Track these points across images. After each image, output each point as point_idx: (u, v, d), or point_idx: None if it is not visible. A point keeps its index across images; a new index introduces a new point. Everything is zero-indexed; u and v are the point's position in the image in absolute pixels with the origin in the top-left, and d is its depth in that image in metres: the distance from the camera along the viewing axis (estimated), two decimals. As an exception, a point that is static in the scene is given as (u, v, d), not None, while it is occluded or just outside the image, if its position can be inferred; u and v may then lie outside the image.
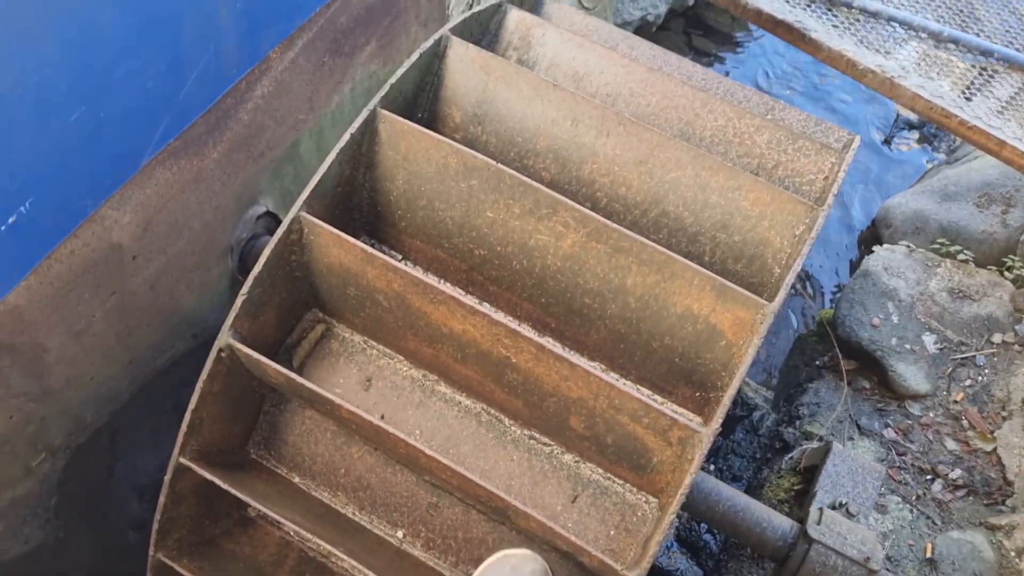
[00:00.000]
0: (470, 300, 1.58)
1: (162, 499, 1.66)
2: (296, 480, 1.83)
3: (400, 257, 1.86)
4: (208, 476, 1.61)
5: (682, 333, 1.62)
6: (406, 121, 1.68)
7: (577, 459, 1.72)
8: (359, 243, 1.59)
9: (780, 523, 1.81)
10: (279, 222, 2.29)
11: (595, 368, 1.71)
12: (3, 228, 1.49)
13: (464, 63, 1.80)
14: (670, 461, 1.55)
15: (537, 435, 1.74)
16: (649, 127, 1.72)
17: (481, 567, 1.54)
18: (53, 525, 1.87)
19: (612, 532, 1.67)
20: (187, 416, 1.60)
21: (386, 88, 1.71)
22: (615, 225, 1.59)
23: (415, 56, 1.73)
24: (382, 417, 1.77)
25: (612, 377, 1.71)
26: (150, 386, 2.05)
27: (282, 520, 1.60)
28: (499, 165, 1.63)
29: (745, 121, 1.82)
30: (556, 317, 1.75)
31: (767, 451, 2.55)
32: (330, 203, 1.70)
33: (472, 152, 1.65)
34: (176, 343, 2.08)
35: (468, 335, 1.59)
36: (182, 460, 1.63)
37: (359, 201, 1.80)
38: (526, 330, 1.77)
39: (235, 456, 1.82)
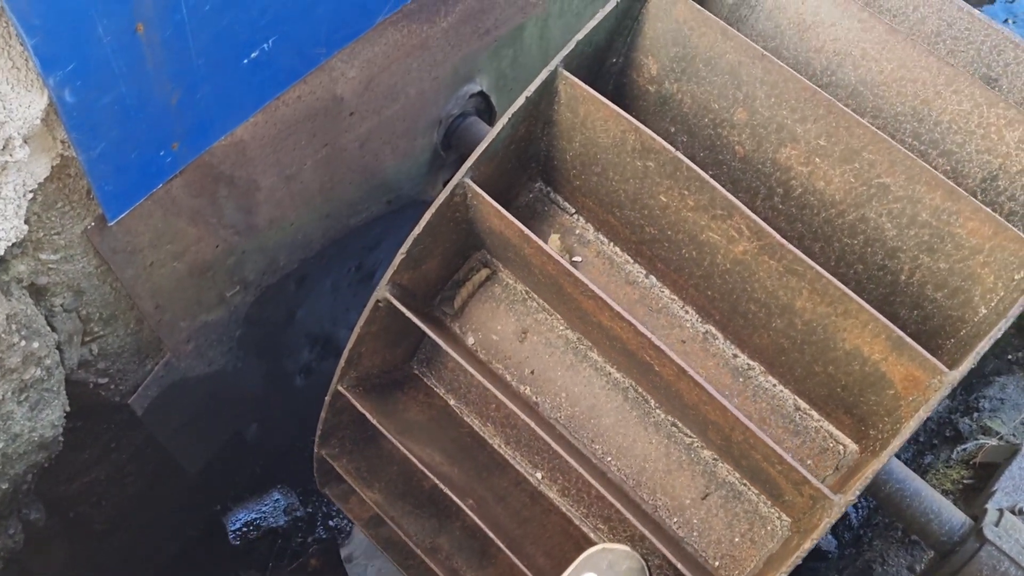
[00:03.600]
0: (618, 303, 1.60)
1: (323, 414, 1.89)
2: (451, 403, 2.02)
3: (573, 211, 1.90)
4: (360, 408, 1.80)
5: (847, 368, 1.60)
6: (586, 88, 1.67)
7: (716, 457, 1.77)
8: (517, 222, 1.66)
9: (952, 516, 1.80)
10: (490, 104, 2.36)
11: (741, 389, 1.72)
12: (245, 61, 1.66)
13: (667, 12, 1.71)
14: (800, 507, 1.58)
15: (680, 425, 1.79)
16: (862, 122, 1.57)
17: (580, 557, 1.66)
18: (234, 354, 2.20)
19: (737, 539, 1.75)
20: (345, 352, 1.79)
21: (570, 46, 1.69)
22: (791, 247, 1.54)
23: (607, 9, 1.65)
24: (532, 372, 1.87)
25: (762, 402, 1.71)
26: (340, 242, 2.30)
27: (417, 463, 1.78)
28: (677, 154, 1.60)
29: (996, 110, 1.62)
30: (720, 311, 1.76)
31: (935, 436, 2.46)
32: (501, 160, 1.75)
33: (652, 134, 1.62)
34: (371, 205, 2.30)
35: (615, 332, 1.65)
36: (340, 388, 1.85)
37: (536, 152, 1.84)
38: (691, 315, 1.81)
39: (397, 372, 2.01)
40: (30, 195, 1.39)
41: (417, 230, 1.71)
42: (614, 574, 1.60)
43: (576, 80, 1.66)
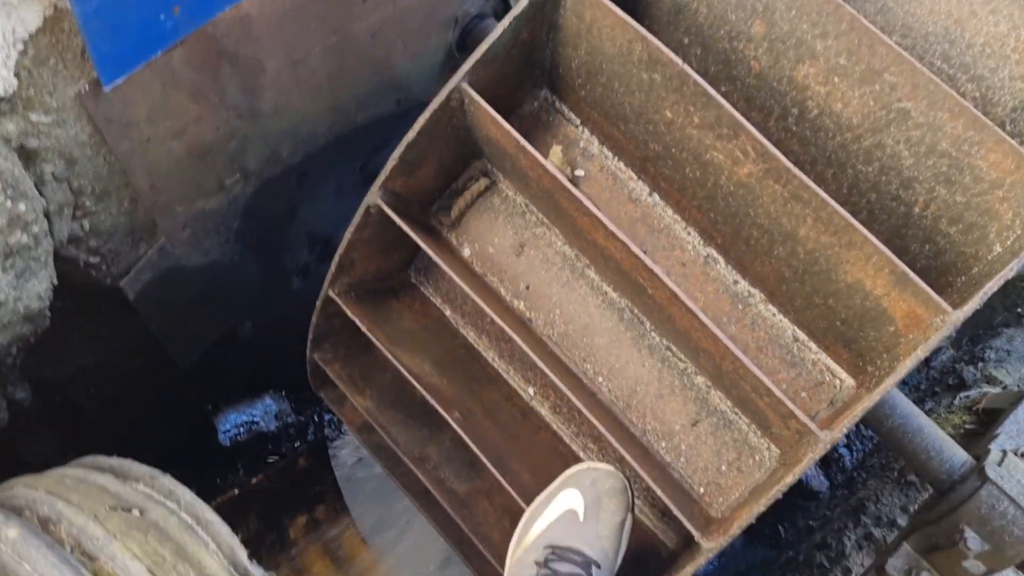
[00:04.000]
0: (612, 224, 1.55)
1: (314, 319, 1.88)
2: (447, 313, 2.00)
3: (579, 122, 1.84)
4: (350, 315, 1.78)
5: (848, 302, 1.55)
6: (593, -10, 1.57)
7: (709, 384, 1.75)
8: (514, 131, 1.61)
9: (954, 454, 1.78)
10: (508, 7, 2.28)
11: (740, 316, 1.69)
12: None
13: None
14: (788, 440, 1.56)
15: (674, 349, 1.77)
16: (886, 40, 1.50)
17: (563, 475, 1.66)
18: (231, 247, 2.17)
19: (724, 467, 1.74)
20: (336, 257, 1.76)
21: (580, -55, 1.59)
22: (797, 172, 1.48)
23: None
24: (527, 287, 1.85)
25: (760, 331, 1.69)
26: (345, 139, 2.26)
27: (405, 372, 1.78)
28: (685, 67, 1.53)
29: None
30: (723, 235, 1.71)
31: (936, 384, 2.43)
32: (502, 64, 1.69)
33: (659, 45, 1.55)
34: (379, 103, 2.26)
35: (609, 252, 1.61)
36: (330, 294, 1.81)
37: (541, 58, 1.77)
38: (693, 237, 1.77)
39: (393, 280, 1.99)
40: (20, 46, 1.35)
41: (410, 135, 1.66)
42: (596, 492, 1.59)
43: (583, -17, 1.59)
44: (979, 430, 2.06)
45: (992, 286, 1.40)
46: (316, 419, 2.87)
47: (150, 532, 1.18)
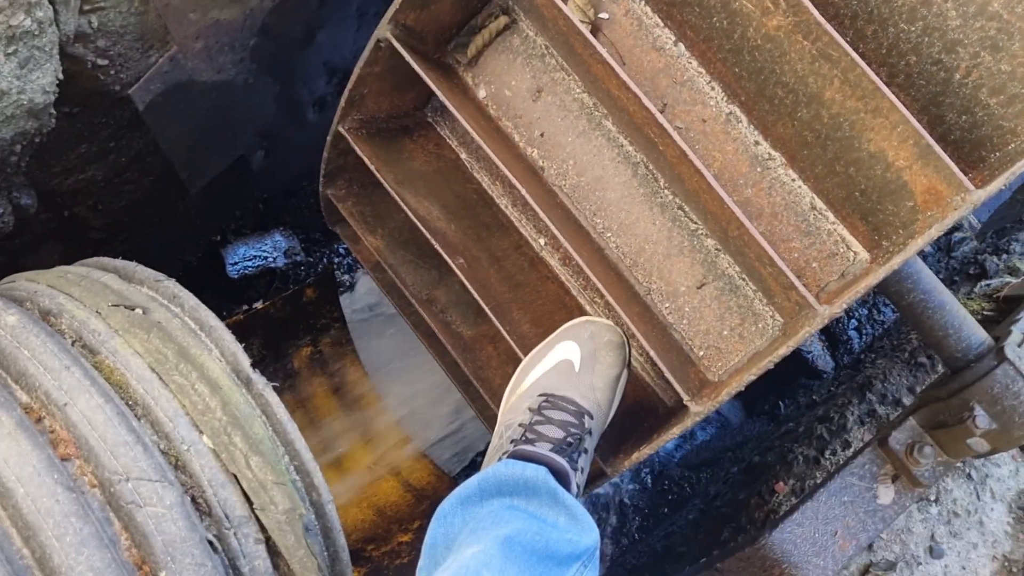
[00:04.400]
0: (625, 72, 1.50)
1: (325, 153, 1.86)
2: (462, 156, 1.97)
3: None
4: (359, 153, 1.76)
5: (868, 172, 1.52)
6: None
7: (718, 248, 1.74)
8: None
9: (973, 333, 1.78)
10: None
11: (758, 179, 1.66)
12: None
13: None
14: (789, 311, 1.56)
15: (686, 209, 1.75)
16: None
17: (562, 327, 1.68)
18: (246, 66, 2.14)
19: (726, 332, 1.74)
20: (346, 92, 1.72)
21: None
22: (829, 28, 1.42)
23: None
24: (542, 135, 1.82)
25: (777, 196, 1.66)
26: None
27: (411, 214, 1.77)
28: None
29: None
30: (747, 92, 1.67)
31: (956, 274, 2.41)
32: None
33: None
34: None
35: (622, 103, 1.58)
36: (340, 129, 1.79)
37: None
38: (716, 92, 1.73)
39: (408, 119, 1.96)
40: None
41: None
42: (593, 345, 1.62)
43: None
44: (998, 317, 2.05)
45: (1021, 166, 1.36)
46: (325, 261, 2.88)
47: (153, 331, 1.19)
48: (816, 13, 1.41)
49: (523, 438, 1.48)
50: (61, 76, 1.53)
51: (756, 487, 2.27)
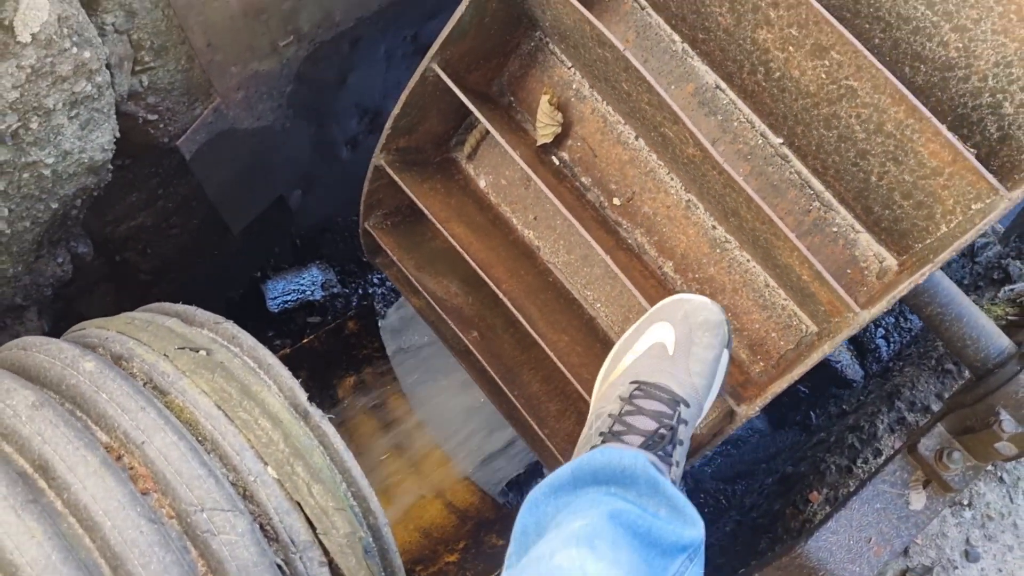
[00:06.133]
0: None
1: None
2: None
3: (570, 64, 1.88)
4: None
5: (786, 279, 1.68)
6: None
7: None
8: (475, 110, 1.68)
9: (994, 340, 1.83)
10: None
11: (718, 259, 1.81)
12: None
13: None
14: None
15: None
16: (830, 19, 1.48)
17: (652, 308, 1.60)
18: (283, 112, 2.26)
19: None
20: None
21: None
22: (726, 167, 1.52)
23: None
24: (535, 218, 1.92)
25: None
26: (397, 6, 2.32)
27: (431, 299, 1.96)
28: (627, 54, 1.56)
29: None
30: (694, 190, 1.79)
31: (980, 279, 2.46)
32: (475, 36, 1.73)
33: (602, 29, 1.56)
34: None
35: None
36: (366, 226, 2.01)
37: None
38: (675, 182, 1.84)
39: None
40: None
41: (396, 109, 1.75)
42: (688, 326, 1.51)
43: None
44: (1021, 321, 2.09)
45: (942, 259, 1.45)
46: (361, 291, 2.98)
47: (217, 371, 1.28)
48: (715, 153, 1.52)
49: (611, 431, 1.39)
50: (118, 134, 1.64)
51: (791, 497, 2.32)
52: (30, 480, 1.12)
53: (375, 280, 3.06)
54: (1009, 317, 2.23)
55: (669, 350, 1.48)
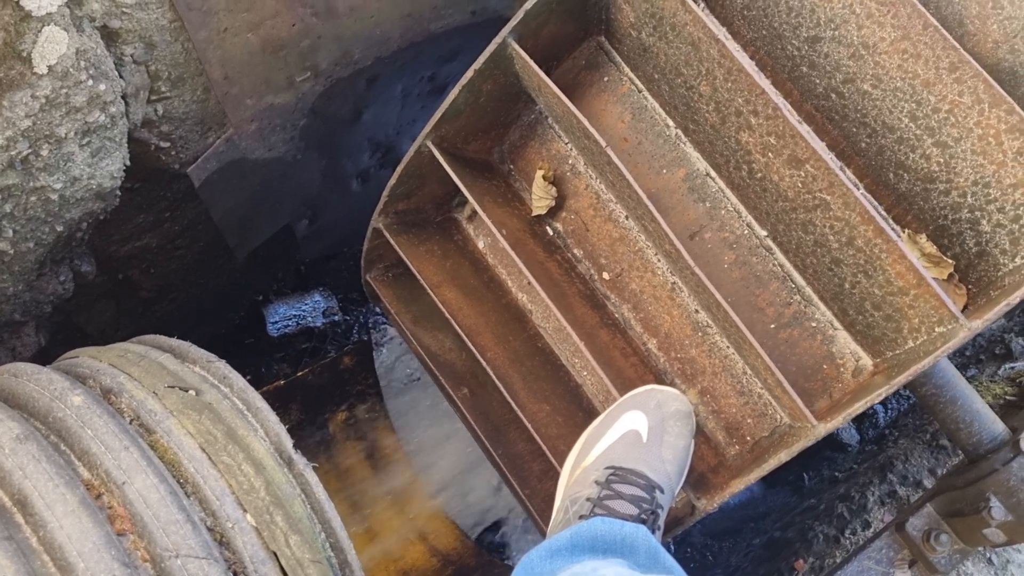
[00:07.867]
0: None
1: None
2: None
3: (567, 139, 1.93)
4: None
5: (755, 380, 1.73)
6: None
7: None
8: (468, 196, 1.75)
9: (987, 426, 1.84)
10: None
11: (694, 339, 1.86)
12: None
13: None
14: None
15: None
16: (804, 135, 1.52)
17: (625, 396, 1.65)
18: (295, 144, 2.27)
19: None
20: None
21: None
22: (682, 285, 1.68)
23: None
24: (528, 283, 1.94)
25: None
26: (417, 47, 2.33)
27: (424, 354, 2.00)
28: (608, 150, 1.61)
29: (999, 112, 1.47)
30: (680, 275, 1.81)
31: (982, 351, 2.45)
32: (470, 114, 1.79)
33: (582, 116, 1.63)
34: (454, 12, 2.35)
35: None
36: (367, 278, 2.06)
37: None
38: (662, 264, 1.87)
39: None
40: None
41: (392, 180, 1.80)
42: (661, 415, 1.57)
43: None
44: (1019, 403, 2.09)
45: (877, 397, 1.47)
46: (362, 320, 2.98)
47: (204, 412, 1.28)
48: (691, 261, 1.57)
49: (592, 514, 1.41)
50: (128, 163, 1.65)
51: (776, 563, 2.31)
52: (8, 514, 1.12)
53: (376, 310, 3.07)
54: (1007, 397, 2.22)
55: (643, 437, 1.54)
